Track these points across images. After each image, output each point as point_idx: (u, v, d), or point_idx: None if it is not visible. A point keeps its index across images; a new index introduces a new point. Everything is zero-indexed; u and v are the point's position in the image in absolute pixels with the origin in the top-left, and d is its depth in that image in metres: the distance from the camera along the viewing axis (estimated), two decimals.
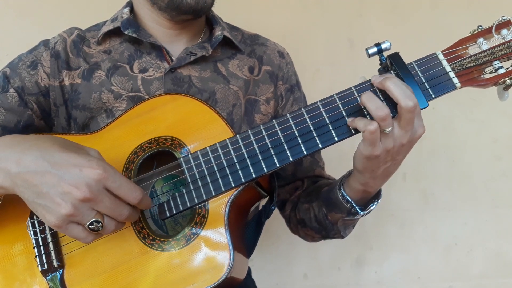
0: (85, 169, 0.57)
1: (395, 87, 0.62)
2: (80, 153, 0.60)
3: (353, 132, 0.66)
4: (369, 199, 0.77)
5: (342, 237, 0.87)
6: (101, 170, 0.58)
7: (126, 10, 0.90)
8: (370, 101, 0.63)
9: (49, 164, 0.58)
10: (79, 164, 0.58)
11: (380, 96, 0.65)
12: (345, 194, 0.75)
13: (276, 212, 0.97)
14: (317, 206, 0.85)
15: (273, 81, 0.95)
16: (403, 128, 0.63)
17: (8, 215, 0.72)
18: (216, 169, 0.68)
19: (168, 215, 0.69)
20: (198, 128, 0.71)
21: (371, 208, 0.77)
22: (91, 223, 0.58)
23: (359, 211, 0.76)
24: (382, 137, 0.64)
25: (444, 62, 0.66)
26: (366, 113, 0.66)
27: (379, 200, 0.77)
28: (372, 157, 0.65)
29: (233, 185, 0.68)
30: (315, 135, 0.67)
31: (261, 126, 0.68)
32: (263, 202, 0.83)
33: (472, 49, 0.67)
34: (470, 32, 0.67)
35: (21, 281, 0.69)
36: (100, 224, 0.59)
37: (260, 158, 0.68)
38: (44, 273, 0.69)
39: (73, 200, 0.57)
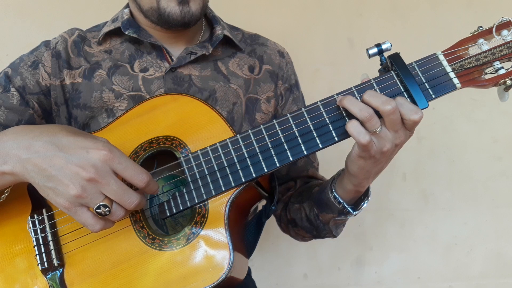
0: (91, 151, 0.59)
1: (371, 98, 0.63)
2: (87, 137, 0.61)
3: None
4: (359, 197, 0.77)
5: (334, 236, 0.88)
6: (106, 151, 0.59)
7: (127, 10, 0.91)
8: (353, 105, 0.63)
9: (57, 148, 0.59)
10: (85, 147, 0.59)
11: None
12: (337, 196, 0.76)
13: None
14: (308, 206, 0.85)
15: (274, 80, 0.96)
16: (391, 128, 0.63)
17: (9, 214, 0.72)
18: (216, 169, 0.68)
19: (168, 214, 0.69)
20: (198, 128, 0.71)
21: (363, 206, 0.78)
22: (98, 207, 0.59)
23: (352, 211, 0.76)
24: (376, 139, 0.64)
25: (445, 63, 0.66)
26: None
27: (369, 198, 0.78)
28: (367, 158, 0.66)
29: (233, 184, 0.68)
30: (315, 135, 0.67)
31: (261, 126, 0.69)
32: (263, 202, 0.83)
33: (473, 50, 0.67)
34: (471, 33, 0.68)
35: (21, 280, 0.69)
36: (107, 209, 0.59)
37: (261, 158, 0.68)
38: (44, 272, 0.69)
39: (81, 180, 0.58)
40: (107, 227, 0.62)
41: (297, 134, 0.67)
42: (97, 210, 0.59)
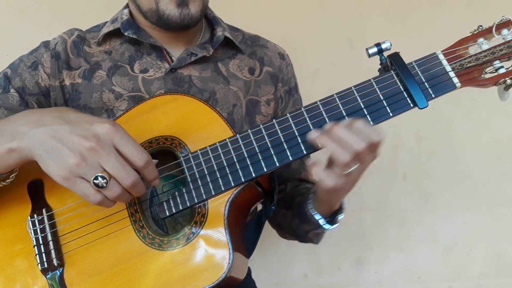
0: (95, 123, 0.60)
1: (347, 135, 0.62)
2: (93, 115, 0.63)
3: None
4: (335, 210, 0.79)
5: (316, 243, 0.90)
6: (110, 124, 0.60)
7: (126, 11, 0.91)
8: (332, 148, 0.63)
9: (64, 121, 0.60)
10: (90, 120, 0.61)
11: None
12: (313, 213, 0.77)
13: None
14: (291, 215, 0.87)
15: (274, 83, 0.96)
16: (359, 161, 0.64)
17: (8, 213, 0.72)
18: (216, 169, 0.68)
19: (168, 214, 0.69)
20: (198, 127, 0.71)
21: (339, 219, 0.79)
22: (96, 178, 0.58)
23: (326, 228, 0.78)
24: (344, 177, 0.65)
25: (444, 62, 0.66)
26: (366, 113, 0.66)
27: (343, 212, 0.79)
28: (334, 191, 0.68)
29: (233, 184, 0.68)
30: None
31: (261, 125, 0.69)
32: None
33: (473, 49, 0.67)
34: (471, 32, 0.68)
35: (21, 280, 0.69)
36: (105, 180, 0.59)
37: (260, 158, 0.68)
38: (44, 272, 0.69)
39: (81, 149, 0.58)
40: (106, 204, 0.61)
41: (297, 134, 0.67)
42: (94, 181, 0.59)
